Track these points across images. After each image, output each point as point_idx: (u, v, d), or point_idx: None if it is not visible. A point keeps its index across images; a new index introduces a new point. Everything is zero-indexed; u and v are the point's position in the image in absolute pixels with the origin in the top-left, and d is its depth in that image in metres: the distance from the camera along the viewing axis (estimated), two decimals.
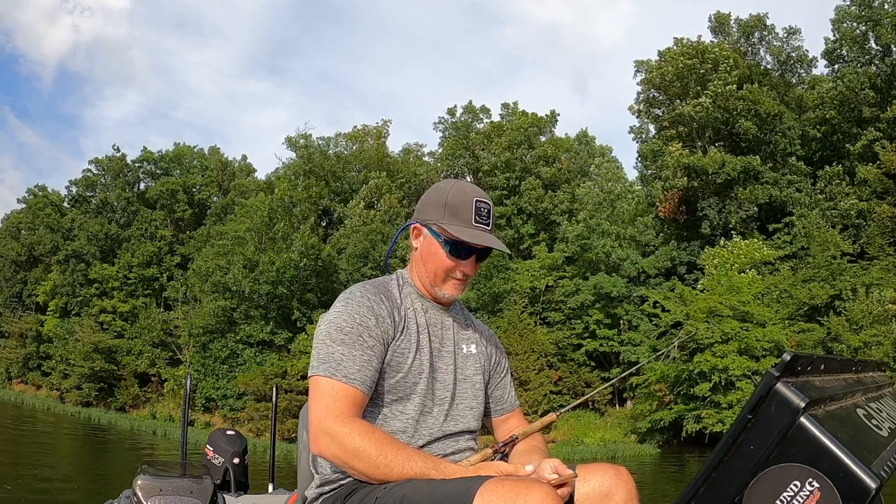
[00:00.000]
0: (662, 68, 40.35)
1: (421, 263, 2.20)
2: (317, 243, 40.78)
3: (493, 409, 2.37)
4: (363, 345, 1.98)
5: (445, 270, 2.16)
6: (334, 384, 1.94)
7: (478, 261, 2.20)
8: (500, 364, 2.40)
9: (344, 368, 1.95)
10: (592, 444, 31.75)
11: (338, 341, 1.98)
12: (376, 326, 2.02)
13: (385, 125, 53.60)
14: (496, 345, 2.43)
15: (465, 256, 2.16)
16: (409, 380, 2.08)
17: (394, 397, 2.07)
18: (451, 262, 2.15)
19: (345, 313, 2.03)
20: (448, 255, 2.15)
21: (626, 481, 1.94)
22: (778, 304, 31.10)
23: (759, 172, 37.11)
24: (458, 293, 2.20)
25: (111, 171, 57.17)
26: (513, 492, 1.63)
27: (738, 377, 27.70)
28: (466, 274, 2.18)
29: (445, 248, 2.15)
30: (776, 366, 1.28)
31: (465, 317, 2.35)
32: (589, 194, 39.41)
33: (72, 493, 18.46)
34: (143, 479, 3.05)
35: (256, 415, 36.34)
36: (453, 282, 2.17)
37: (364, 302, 2.05)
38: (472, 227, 2.13)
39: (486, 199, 2.19)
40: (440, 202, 2.17)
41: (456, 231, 2.11)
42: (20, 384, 57.72)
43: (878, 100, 37.09)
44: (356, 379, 1.95)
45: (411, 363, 2.08)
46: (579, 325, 36.70)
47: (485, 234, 2.14)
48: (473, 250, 2.16)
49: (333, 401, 1.93)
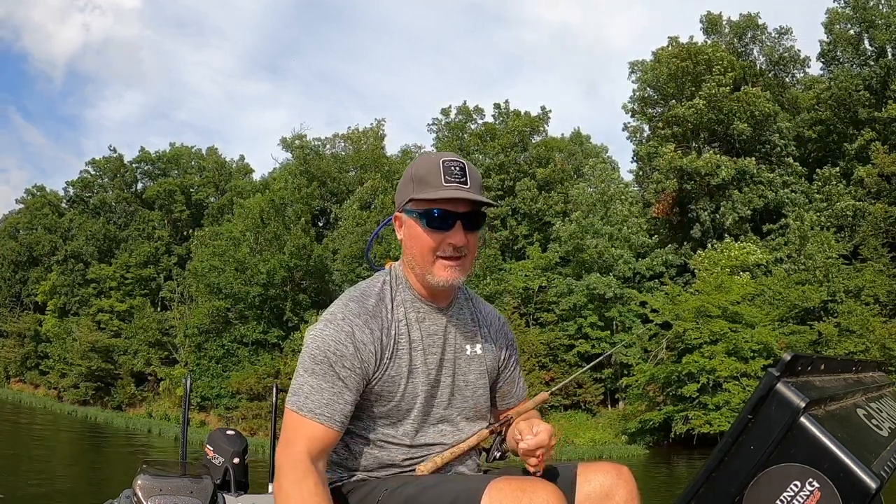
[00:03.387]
0: (657, 69, 40.42)
1: (408, 254, 2.00)
2: (308, 244, 40.71)
3: (500, 403, 2.26)
4: (334, 376, 1.85)
5: (431, 249, 1.93)
6: (298, 420, 1.84)
7: (468, 229, 1.94)
8: (509, 359, 2.23)
9: (310, 403, 1.84)
10: (582, 445, 31.68)
11: (309, 371, 1.87)
12: (353, 355, 1.87)
13: (380, 125, 53.64)
14: (505, 335, 2.25)
15: (449, 225, 1.92)
16: (403, 406, 1.97)
17: (387, 421, 1.98)
18: (433, 238, 1.92)
19: (320, 338, 1.88)
20: (427, 229, 1.92)
21: (627, 481, 1.92)
22: (770, 305, 31.13)
23: (754, 174, 37.17)
24: (452, 276, 1.95)
25: (108, 172, 57.26)
26: (518, 490, 1.64)
27: (725, 378, 27.65)
28: (456, 246, 1.93)
29: (422, 223, 1.93)
30: (776, 365, 1.28)
31: (471, 311, 2.17)
32: (582, 195, 39.43)
33: (72, 493, 18.42)
34: (142, 478, 3.05)
35: (250, 414, 36.28)
36: (442, 262, 1.93)
37: (344, 327, 1.88)
38: (443, 188, 1.90)
39: (457, 158, 1.96)
40: (408, 179, 1.98)
41: (426, 196, 1.90)
42: (18, 383, 58.03)
43: (874, 101, 37.19)
44: (322, 415, 1.83)
45: (404, 389, 1.95)
46: (572, 326, 36.64)
47: (460, 189, 1.90)
48: (456, 216, 1.91)
49: (295, 437, 1.84)
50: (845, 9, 39.46)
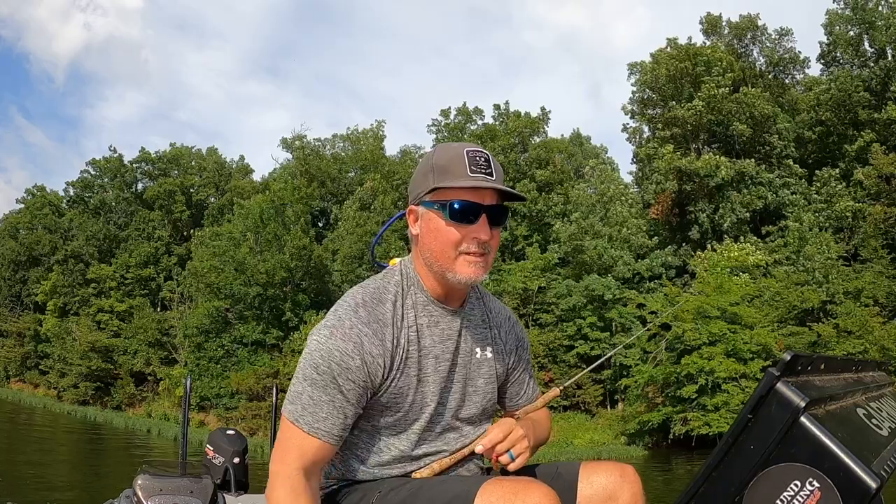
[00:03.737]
0: (656, 70, 40.43)
1: (426, 250, 1.85)
2: (307, 244, 40.72)
3: (508, 404, 2.17)
4: (336, 390, 1.74)
5: (454, 243, 1.79)
6: (295, 431, 1.76)
7: (493, 224, 1.81)
8: (518, 360, 2.15)
9: (309, 415, 1.75)
10: (581, 446, 31.70)
11: (310, 380, 1.76)
12: (360, 368, 1.75)
13: (379, 126, 53.65)
14: (515, 336, 2.15)
15: (474, 218, 1.78)
16: (411, 416, 1.88)
17: (392, 432, 1.89)
18: (457, 231, 1.79)
19: (325, 348, 1.75)
20: (450, 221, 1.79)
21: (632, 481, 1.86)
22: (769, 307, 31.11)
23: (754, 175, 37.15)
24: (475, 273, 1.82)
25: (108, 172, 57.31)
26: (511, 492, 1.59)
27: (724, 380, 27.63)
28: (481, 241, 1.79)
29: (445, 214, 1.79)
30: (777, 365, 1.28)
31: (482, 312, 2.07)
32: (582, 196, 39.42)
33: (72, 493, 18.42)
34: (143, 478, 3.05)
35: (249, 414, 36.30)
36: (466, 258, 1.80)
37: (352, 336, 1.76)
38: (468, 177, 1.77)
39: (481, 148, 1.83)
40: (427, 169, 1.83)
41: (452, 185, 1.78)
42: (18, 382, 58.18)
43: (874, 102, 37.19)
44: (320, 430, 1.75)
45: (412, 400, 1.86)
46: (571, 327, 36.65)
47: (486, 180, 1.77)
48: (482, 208, 1.79)
49: (289, 447, 1.76)
50: (845, 10, 39.47)
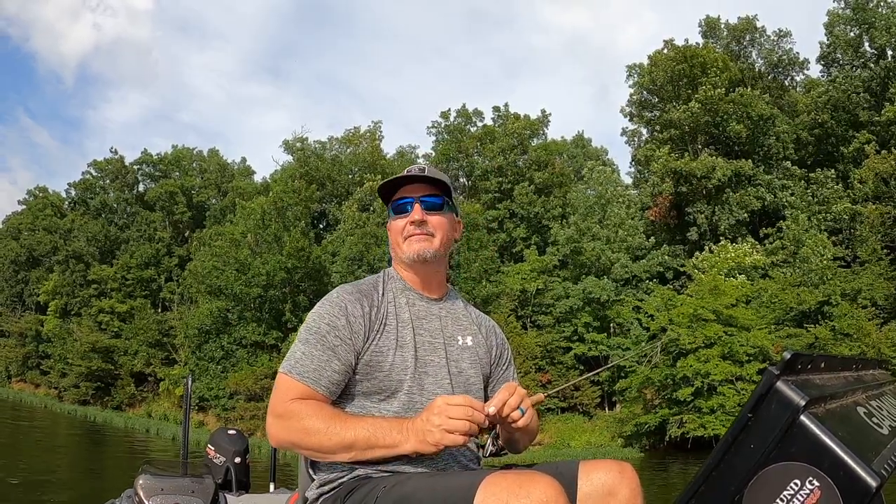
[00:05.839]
0: (653, 72, 40.44)
1: (391, 246, 2.21)
2: (307, 246, 40.70)
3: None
4: (325, 345, 1.97)
5: (399, 231, 2.15)
6: (288, 380, 1.97)
7: (427, 209, 2.13)
8: (501, 356, 2.31)
9: (300, 366, 1.96)
10: (578, 448, 31.70)
11: (303, 340, 2.00)
12: (345, 327, 1.99)
13: (377, 126, 53.64)
14: (497, 335, 2.34)
15: (410, 208, 2.13)
16: (393, 377, 2.02)
17: (381, 397, 2.02)
18: (399, 221, 2.15)
19: (317, 314, 2.03)
20: (394, 216, 2.16)
21: (630, 479, 1.88)
22: (766, 308, 31.04)
23: (751, 177, 37.14)
24: (419, 247, 2.11)
25: (110, 174, 57.39)
26: (515, 484, 1.59)
27: (720, 382, 27.54)
28: (415, 222, 2.12)
29: (391, 215, 2.17)
30: (776, 364, 1.27)
31: (461, 307, 2.27)
32: (580, 198, 39.42)
33: (72, 493, 18.41)
34: (144, 478, 3.05)
35: (247, 414, 36.31)
36: (409, 240, 2.13)
37: (338, 302, 2.04)
38: (396, 175, 2.17)
39: (423, 164, 2.21)
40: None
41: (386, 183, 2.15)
42: (19, 382, 58.45)
43: (874, 103, 37.18)
44: (309, 378, 1.95)
45: (392, 360, 2.02)
46: (568, 328, 36.62)
47: (413, 171, 2.15)
48: (413, 200, 2.13)
49: (285, 392, 1.96)
50: (845, 10, 39.47)
